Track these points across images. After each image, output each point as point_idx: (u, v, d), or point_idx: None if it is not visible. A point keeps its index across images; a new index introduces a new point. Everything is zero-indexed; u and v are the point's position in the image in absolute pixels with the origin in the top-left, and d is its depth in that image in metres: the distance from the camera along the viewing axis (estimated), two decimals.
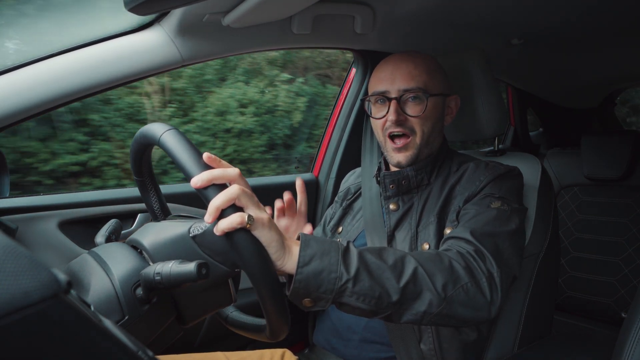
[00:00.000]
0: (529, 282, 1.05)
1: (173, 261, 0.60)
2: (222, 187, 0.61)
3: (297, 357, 1.09)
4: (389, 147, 1.03)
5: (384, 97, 1.01)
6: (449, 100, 1.07)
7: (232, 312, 0.82)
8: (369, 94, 1.06)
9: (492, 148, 1.30)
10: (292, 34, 1.19)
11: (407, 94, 0.99)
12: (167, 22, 1.04)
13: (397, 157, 1.02)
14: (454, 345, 0.96)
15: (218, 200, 0.59)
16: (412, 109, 1.00)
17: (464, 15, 1.34)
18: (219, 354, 1.01)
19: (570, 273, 1.96)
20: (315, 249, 0.68)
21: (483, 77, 1.18)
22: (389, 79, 1.00)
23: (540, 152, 2.39)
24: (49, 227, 1.11)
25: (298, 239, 0.70)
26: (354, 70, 1.59)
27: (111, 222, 0.80)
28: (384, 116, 1.01)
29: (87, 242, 1.15)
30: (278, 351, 1.08)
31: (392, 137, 1.02)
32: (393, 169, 1.11)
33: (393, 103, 0.99)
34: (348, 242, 0.73)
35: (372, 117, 1.05)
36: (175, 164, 0.62)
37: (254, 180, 1.59)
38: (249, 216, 0.60)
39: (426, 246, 0.97)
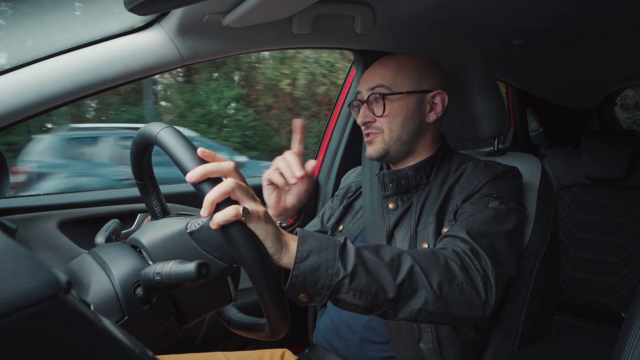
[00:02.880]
0: (529, 282, 1.05)
1: (173, 261, 0.60)
2: (217, 181, 0.61)
3: (297, 357, 1.09)
4: (365, 142, 1.08)
5: (358, 101, 1.07)
6: (430, 97, 1.05)
7: (234, 314, 0.82)
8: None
9: (492, 148, 1.30)
10: (292, 34, 1.19)
11: (372, 95, 1.03)
12: (167, 22, 1.04)
13: (368, 150, 1.07)
14: (454, 345, 0.96)
15: (213, 194, 0.59)
16: (376, 109, 1.03)
17: (464, 15, 1.33)
18: (219, 354, 1.01)
19: (570, 273, 1.96)
20: (313, 245, 0.68)
21: (483, 77, 1.18)
22: (362, 81, 1.06)
23: (540, 152, 2.39)
24: (49, 227, 1.11)
25: (295, 234, 0.70)
26: (354, 70, 1.59)
27: (111, 222, 0.80)
28: None
29: (87, 242, 1.15)
30: (278, 351, 1.08)
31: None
32: (393, 168, 1.11)
33: (363, 106, 1.05)
34: (345, 239, 0.73)
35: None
36: (172, 161, 0.62)
37: (254, 180, 1.59)
38: (244, 209, 0.60)
39: (425, 245, 0.97)
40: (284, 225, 0.96)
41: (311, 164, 0.85)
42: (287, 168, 0.84)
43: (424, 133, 1.06)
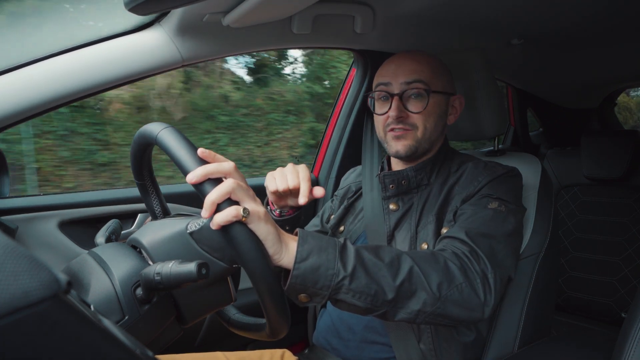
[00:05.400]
0: (529, 282, 1.05)
1: (173, 261, 0.60)
2: (218, 181, 0.61)
3: (297, 357, 1.09)
4: (388, 137, 1.03)
5: (386, 94, 1.01)
6: (452, 100, 1.07)
7: (234, 314, 0.82)
8: (373, 89, 1.06)
9: (492, 148, 1.30)
10: (292, 34, 1.19)
11: (409, 90, 0.99)
12: (167, 22, 1.04)
13: (396, 145, 1.01)
14: (453, 346, 0.96)
15: (213, 195, 0.59)
16: (413, 105, 1.00)
17: (463, 15, 1.34)
18: (219, 354, 1.01)
19: (570, 273, 1.96)
20: (313, 245, 0.68)
21: (483, 77, 1.18)
22: (392, 74, 1.01)
23: (540, 152, 2.39)
24: (49, 227, 1.11)
25: (295, 234, 0.70)
26: (354, 70, 1.59)
27: (111, 222, 0.80)
28: (386, 112, 1.01)
29: (87, 242, 1.15)
30: (278, 351, 1.08)
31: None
32: (394, 168, 1.11)
33: (395, 99, 0.99)
34: (345, 239, 0.74)
35: (375, 113, 1.06)
36: (172, 161, 0.62)
37: (254, 180, 1.59)
38: (245, 209, 0.60)
39: (425, 246, 0.97)
40: (284, 214, 0.95)
41: (320, 191, 0.81)
42: (293, 185, 0.84)
43: (442, 134, 1.08)
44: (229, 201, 0.60)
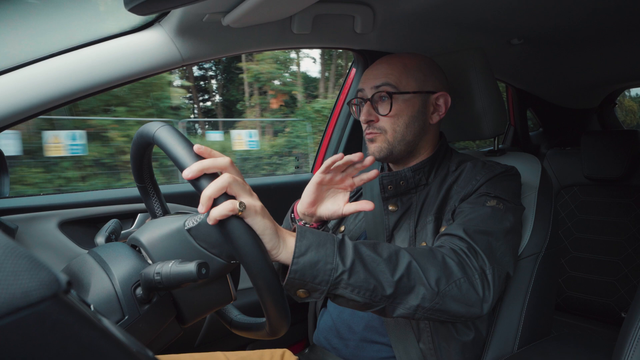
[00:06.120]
0: (528, 282, 1.05)
1: (173, 261, 0.60)
2: (214, 176, 0.61)
3: (297, 357, 1.09)
4: (366, 139, 1.06)
5: (361, 100, 1.05)
6: (434, 98, 1.06)
7: (236, 315, 0.82)
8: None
9: (492, 148, 1.30)
10: (292, 34, 1.19)
11: (377, 94, 1.01)
12: (167, 22, 1.04)
13: (370, 147, 1.04)
14: (453, 345, 0.96)
15: (209, 190, 0.59)
16: (381, 108, 1.02)
17: (463, 15, 1.34)
18: (219, 354, 1.01)
19: (570, 273, 1.96)
20: (311, 240, 0.68)
21: (483, 77, 1.18)
22: (366, 79, 1.04)
23: (540, 152, 2.39)
24: (49, 227, 1.11)
25: (293, 230, 0.70)
26: (354, 70, 1.59)
27: (111, 222, 0.80)
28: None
29: (87, 242, 1.15)
30: (278, 351, 1.08)
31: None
32: (393, 169, 1.11)
33: (367, 104, 1.02)
34: (343, 235, 0.74)
35: (359, 120, 1.09)
36: (169, 158, 0.62)
37: (254, 180, 1.59)
38: (241, 203, 0.60)
39: (424, 245, 0.97)
40: (308, 225, 0.95)
41: (369, 160, 0.91)
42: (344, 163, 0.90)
43: (426, 134, 1.07)
44: (225, 196, 0.60)
